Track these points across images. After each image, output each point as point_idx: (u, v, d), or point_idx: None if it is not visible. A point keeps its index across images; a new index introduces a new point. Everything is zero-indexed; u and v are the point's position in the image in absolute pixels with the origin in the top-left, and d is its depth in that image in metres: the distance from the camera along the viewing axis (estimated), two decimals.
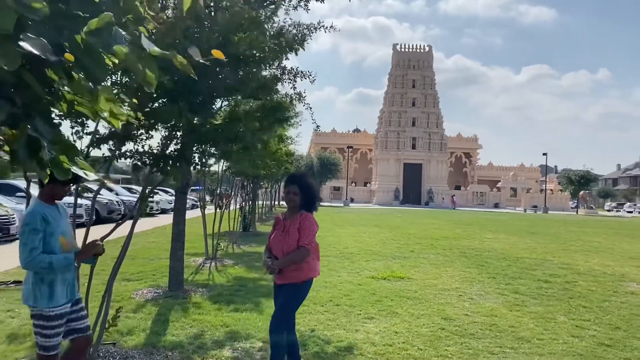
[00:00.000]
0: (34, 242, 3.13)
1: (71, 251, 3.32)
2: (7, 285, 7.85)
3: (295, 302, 4.24)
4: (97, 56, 1.37)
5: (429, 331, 6.05)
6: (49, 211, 3.26)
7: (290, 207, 4.24)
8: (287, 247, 4.10)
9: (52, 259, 3.14)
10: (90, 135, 4.42)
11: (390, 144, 69.71)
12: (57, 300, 3.26)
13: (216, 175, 13.22)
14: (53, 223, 3.23)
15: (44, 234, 3.18)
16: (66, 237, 3.31)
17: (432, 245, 15.68)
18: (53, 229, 3.22)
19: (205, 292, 7.86)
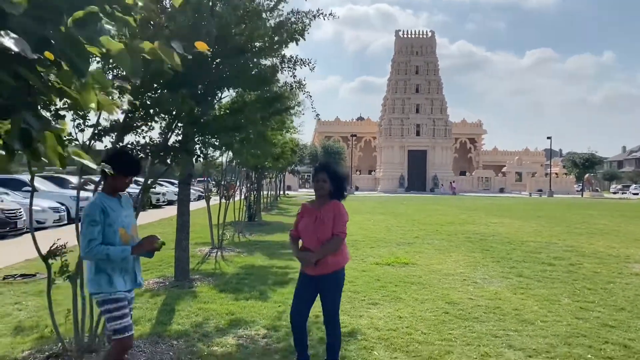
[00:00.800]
0: (93, 234, 3.25)
1: (130, 242, 3.41)
2: (14, 279, 7.93)
3: (340, 291, 4.26)
4: (81, 48, 1.37)
5: (432, 315, 6.08)
6: (110, 203, 3.38)
7: (319, 195, 4.20)
8: (323, 235, 4.07)
9: (109, 251, 3.26)
10: (92, 128, 4.43)
11: (394, 131, 69.45)
12: (117, 286, 3.37)
13: (221, 167, 13.22)
14: (112, 215, 3.34)
15: (103, 225, 3.29)
16: (126, 229, 3.41)
17: (437, 231, 15.69)
18: (112, 221, 3.33)
19: (211, 281, 7.92)
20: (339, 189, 4.24)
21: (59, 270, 4.38)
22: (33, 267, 8.59)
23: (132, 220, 3.53)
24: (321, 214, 4.13)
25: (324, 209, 4.14)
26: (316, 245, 4.11)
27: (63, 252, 4.36)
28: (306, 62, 8.23)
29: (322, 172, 4.18)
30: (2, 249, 11.32)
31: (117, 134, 4.61)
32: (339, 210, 4.14)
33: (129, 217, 3.50)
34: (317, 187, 4.19)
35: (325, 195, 4.19)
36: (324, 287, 4.18)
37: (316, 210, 4.18)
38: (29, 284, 7.61)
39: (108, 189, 3.47)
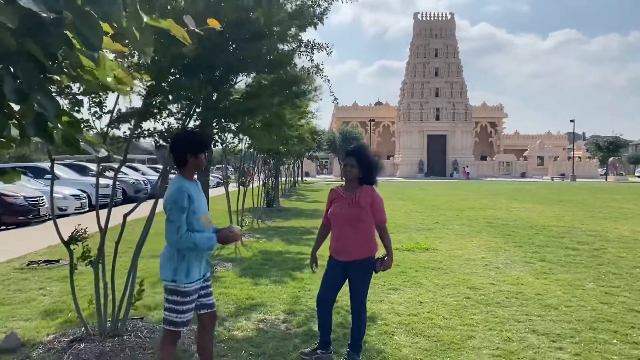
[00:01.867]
0: (180, 221, 3.16)
1: (210, 229, 3.34)
2: (38, 265, 8.06)
3: (370, 278, 4.26)
4: (94, 23, 1.34)
5: (454, 300, 6.02)
6: (193, 189, 3.28)
7: (348, 180, 4.17)
8: (361, 219, 4.06)
9: (196, 239, 3.18)
10: (109, 115, 4.42)
11: (414, 115, 68.84)
12: (193, 276, 3.30)
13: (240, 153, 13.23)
14: (196, 201, 3.25)
15: (189, 212, 3.19)
16: (206, 215, 3.35)
17: (457, 216, 15.55)
18: (196, 208, 3.24)
19: (231, 266, 7.95)
20: (369, 174, 4.17)
21: (80, 256, 4.43)
22: (56, 254, 8.72)
23: (206, 206, 3.43)
24: (357, 198, 4.08)
25: (360, 193, 4.10)
26: (353, 229, 4.06)
27: (84, 237, 4.40)
28: (323, 46, 8.15)
29: (350, 157, 4.14)
30: (26, 236, 11.52)
31: (135, 120, 4.60)
32: (376, 196, 4.14)
33: (204, 203, 3.41)
34: (345, 172, 4.16)
35: (354, 181, 4.14)
36: (355, 273, 4.16)
37: (349, 194, 4.14)
38: (52, 269, 7.73)
39: (189, 173, 3.35)
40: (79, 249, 4.43)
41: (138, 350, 4.27)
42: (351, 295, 4.22)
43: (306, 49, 7.91)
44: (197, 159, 3.32)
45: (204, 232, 3.27)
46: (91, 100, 4.37)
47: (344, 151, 4.32)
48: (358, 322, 4.21)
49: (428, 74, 68.98)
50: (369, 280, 4.25)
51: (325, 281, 4.26)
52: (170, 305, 3.31)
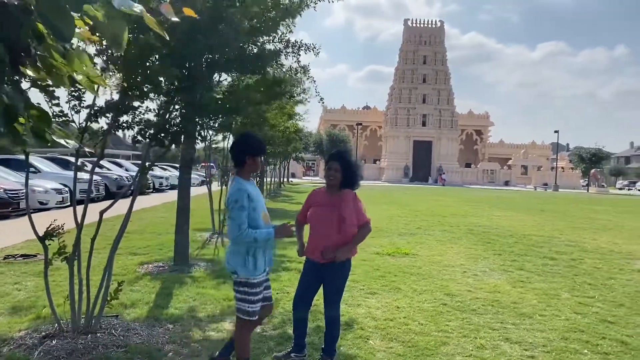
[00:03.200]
0: (241, 218, 3.47)
1: (270, 225, 3.64)
2: (14, 259, 7.95)
3: (345, 281, 4.25)
4: (65, 14, 1.33)
5: (430, 307, 6.06)
6: (251, 188, 3.61)
7: (330, 184, 4.15)
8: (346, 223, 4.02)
9: (256, 234, 3.50)
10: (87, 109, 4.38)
11: (400, 120, 69.14)
12: (260, 269, 3.62)
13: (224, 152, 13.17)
14: (255, 199, 3.57)
15: (249, 210, 3.50)
16: (265, 213, 3.66)
17: (440, 222, 15.65)
18: (256, 205, 3.56)
19: (210, 266, 7.92)
20: (350, 179, 4.17)
21: (56, 252, 4.37)
22: (34, 248, 8.61)
23: (264, 203, 3.72)
24: (339, 203, 4.07)
25: (343, 198, 4.10)
26: (336, 233, 4.02)
27: (60, 233, 4.35)
28: (310, 47, 8.16)
29: (334, 161, 4.14)
30: (4, 229, 11.36)
31: (113, 114, 4.55)
32: (357, 200, 4.17)
33: (263, 202, 3.70)
34: (328, 176, 4.15)
35: (336, 185, 4.14)
36: (330, 276, 4.14)
37: (331, 198, 4.13)
38: (29, 264, 7.63)
39: (246, 173, 3.67)
40: (55, 245, 4.39)
41: (111, 348, 4.23)
42: (325, 298, 4.21)
43: (293, 49, 7.92)
44: (254, 161, 3.65)
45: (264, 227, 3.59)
46: (70, 94, 4.31)
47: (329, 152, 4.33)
48: (332, 325, 4.21)
49: (416, 80, 69.36)
50: (344, 283, 4.25)
51: (302, 283, 4.26)
52: (242, 296, 3.64)
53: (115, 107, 4.46)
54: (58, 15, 1.36)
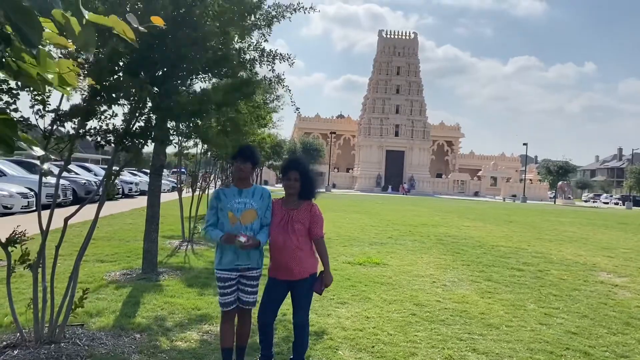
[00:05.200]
0: (207, 216, 4.05)
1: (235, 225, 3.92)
2: None
3: (312, 294, 4.19)
4: (33, 19, 1.31)
5: (400, 317, 6.10)
6: (227, 191, 4.03)
7: (289, 194, 4.06)
8: (298, 235, 3.96)
9: (208, 234, 3.98)
10: (52, 114, 4.29)
11: (374, 130, 69.75)
12: (224, 265, 3.97)
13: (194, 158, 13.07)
14: (224, 201, 3.96)
15: (217, 209, 3.99)
16: (234, 213, 3.93)
17: (410, 232, 15.78)
18: (223, 206, 3.96)
19: (179, 274, 7.82)
20: (309, 188, 4.07)
21: (19, 259, 4.26)
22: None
23: (244, 207, 3.96)
24: (294, 215, 4.01)
25: (299, 209, 4.03)
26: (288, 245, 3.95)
27: (23, 239, 4.24)
28: (285, 57, 8.18)
29: (293, 170, 4.03)
30: None
31: (79, 119, 4.46)
32: (315, 212, 4.05)
33: (242, 204, 3.95)
34: (287, 186, 4.04)
35: (295, 194, 4.05)
36: (299, 291, 4.09)
37: (286, 210, 4.05)
38: None
39: (233, 178, 4.20)
40: (18, 251, 4.27)
41: (75, 359, 4.13)
42: (294, 310, 4.18)
43: (267, 58, 7.92)
44: (236, 167, 4.06)
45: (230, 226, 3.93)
46: (33, 98, 4.20)
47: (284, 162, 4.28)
48: (301, 336, 4.19)
49: (389, 91, 70.13)
50: (312, 295, 4.22)
51: (266, 296, 4.14)
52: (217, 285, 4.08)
53: (81, 111, 4.38)
54: (25, 20, 1.34)
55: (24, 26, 1.34)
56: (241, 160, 4.00)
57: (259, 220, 4.01)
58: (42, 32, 1.44)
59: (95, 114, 4.33)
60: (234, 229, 3.90)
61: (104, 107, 4.40)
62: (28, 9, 1.34)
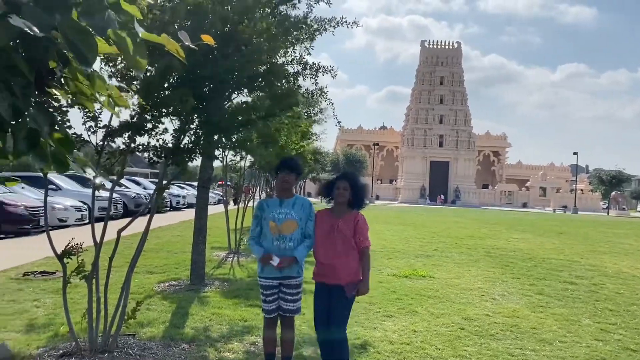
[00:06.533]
0: (252, 226, 4.23)
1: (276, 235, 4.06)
2: (34, 276, 8.04)
3: (352, 302, 4.25)
4: (89, 38, 1.37)
5: (448, 331, 5.97)
6: (270, 201, 4.24)
7: (339, 203, 4.21)
8: (343, 245, 4.08)
9: (251, 247, 4.23)
10: (103, 129, 4.45)
11: (417, 141, 69.10)
12: (265, 273, 4.12)
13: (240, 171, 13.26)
14: (267, 211, 4.13)
15: (260, 219, 4.17)
16: (276, 223, 4.07)
17: (457, 244, 15.49)
18: (266, 216, 4.12)
19: (226, 286, 7.92)
20: (358, 199, 4.24)
21: (74, 270, 4.41)
22: (53, 265, 8.70)
23: (284, 217, 4.09)
24: (340, 224, 4.12)
25: (344, 218, 4.15)
26: (333, 254, 4.08)
27: (78, 251, 4.39)
28: (328, 69, 8.23)
29: (343, 180, 4.21)
30: (24, 245, 11.52)
31: (129, 135, 4.61)
32: (360, 222, 4.17)
33: (283, 214, 4.09)
34: (337, 195, 4.19)
35: (344, 204, 4.20)
36: (337, 297, 4.14)
37: (334, 219, 4.18)
38: (48, 281, 7.70)
39: (276, 189, 4.38)
40: (73, 263, 4.43)
41: None
42: (332, 319, 4.19)
43: (311, 71, 8.00)
44: (279, 178, 4.19)
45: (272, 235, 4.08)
46: (85, 115, 4.38)
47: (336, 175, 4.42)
48: (340, 348, 4.18)
49: (433, 101, 69.43)
50: (351, 305, 4.24)
51: (317, 307, 4.24)
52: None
53: (130, 127, 4.52)
54: (82, 39, 1.40)
55: (81, 45, 1.40)
56: (285, 171, 4.13)
57: (300, 231, 4.12)
58: (97, 51, 1.50)
59: (145, 130, 4.47)
60: (276, 239, 4.07)
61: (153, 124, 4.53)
62: (85, 28, 1.39)
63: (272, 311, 4.18)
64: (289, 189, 4.21)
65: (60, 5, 1.31)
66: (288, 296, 4.15)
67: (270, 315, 4.19)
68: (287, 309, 4.18)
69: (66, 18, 1.33)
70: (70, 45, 1.40)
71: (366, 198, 4.39)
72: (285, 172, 4.13)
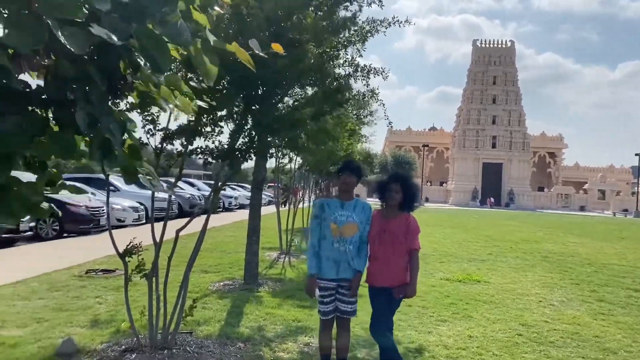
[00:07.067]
0: (312, 226, 4.20)
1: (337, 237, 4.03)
2: (96, 273, 8.37)
3: (397, 306, 4.26)
4: (163, 46, 1.41)
5: (505, 337, 5.81)
6: (332, 202, 4.20)
7: (390, 205, 4.20)
8: (394, 247, 4.08)
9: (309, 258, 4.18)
10: (161, 132, 4.58)
11: (469, 142, 67.72)
12: (324, 274, 4.09)
13: (290, 173, 13.38)
14: (328, 212, 4.09)
15: (320, 219, 4.11)
16: (337, 225, 4.04)
17: (511, 249, 15.07)
18: (326, 217, 4.08)
19: (279, 286, 8.00)
20: (409, 201, 4.21)
21: (135, 268, 4.56)
22: (113, 263, 9.03)
23: (346, 220, 4.07)
24: (390, 226, 4.11)
25: (396, 220, 4.13)
26: (383, 256, 4.08)
27: (139, 251, 4.54)
28: (379, 70, 8.18)
29: (395, 182, 4.18)
30: (86, 244, 12.02)
31: (186, 137, 4.73)
32: (411, 224, 4.14)
33: (344, 217, 4.06)
34: (389, 197, 4.17)
35: (395, 206, 4.17)
36: (386, 298, 4.14)
37: (384, 221, 4.16)
38: (109, 279, 8.00)
39: (339, 190, 4.33)
40: (134, 261, 4.58)
41: None
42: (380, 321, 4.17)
43: (362, 73, 7.97)
44: (340, 179, 4.22)
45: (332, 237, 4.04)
46: (144, 118, 4.53)
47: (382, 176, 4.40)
48: (386, 350, 4.15)
49: (485, 101, 67.88)
50: (394, 310, 4.24)
51: (374, 309, 4.24)
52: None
53: (187, 131, 4.64)
54: (156, 47, 1.44)
55: (155, 53, 1.45)
56: (347, 173, 4.14)
57: (359, 234, 4.10)
58: (170, 59, 1.54)
59: (202, 132, 4.58)
60: (336, 241, 4.05)
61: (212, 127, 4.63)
62: (160, 37, 1.44)
63: (329, 312, 4.17)
64: (350, 191, 4.22)
65: (136, 15, 1.36)
66: (346, 297, 4.14)
67: (327, 316, 4.19)
68: (344, 311, 4.17)
69: (142, 27, 1.38)
70: (145, 53, 1.45)
71: (417, 200, 4.36)
72: (347, 174, 4.15)
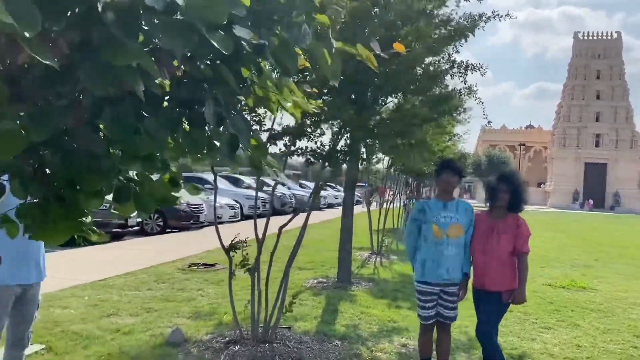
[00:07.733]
0: (409, 228, 4.15)
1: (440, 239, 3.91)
2: (197, 267, 8.81)
3: (503, 312, 4.12)
4: (291, 50, 1.44)
5: (618, 348, 5.42)
6: (431, 204, 4.10)
7: (498, 206, 4.06)
8: (503, 248, 3.94)
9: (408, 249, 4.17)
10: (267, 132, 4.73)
11: (569, 141, 63.78)
12: (427, 278, 3.98)
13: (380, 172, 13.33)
14: (429, 214, 3.97)
15: (420, 222, 4.01)
16: (439, 227, 3.91)
17: (620, 254, 14.02)
18: (427, 219, 3.97)
19: (372, 286, 7.99)
20: (517, 202, 4.03)
21: (239, 263, 4.73)
22: (213, 258, 9.46)
23: (450, 221, 3.93)
24: (500, 226, 3.95)
25: (504, 222, 3.97)
26: (491, 256, 3.92)
27: (243, 246, 4.71)
28: (477, 67, 7.92)
29: (504, 183, 4.01)
30: (187, 240, 12.67)
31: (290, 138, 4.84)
32: (522, 226, 3.98)
33: (448, 218, 3.93)
34: (497, 198, 4.01)
35: (503, 207, 4.01)
36: (488, 304, 3.99)
37: (492, 222, 4.01)
38: (209, 272, 8.39)
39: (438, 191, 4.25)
40: (237, 256, 4.75)
41: (287, 359, 4.45)
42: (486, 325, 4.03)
43: (459, 69, 7.75)
44: (440, 180, 4.07)
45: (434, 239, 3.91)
46: (251, 119, 4.70)
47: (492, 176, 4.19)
48: (492, 355, 3.99)
49: (588, 97, 63.61)
50: (502, 314, 4.07)
51: (479, 317, 4.11)
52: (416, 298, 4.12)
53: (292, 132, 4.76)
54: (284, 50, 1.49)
55: (283, 56, 1.49)
56: (448, 172, 4.01)
57: (464, 237, 3.98)
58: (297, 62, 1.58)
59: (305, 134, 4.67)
60: (439, 243, 3.92)
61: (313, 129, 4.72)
62: (287, 40, 1.48)
63: (430, 317, 4.06)
64: (452, 191, 4.11)
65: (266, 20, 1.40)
66: (449, 303, 4.04)
67: (428, 321, 4.08)
68: (447, 316, 4.07)
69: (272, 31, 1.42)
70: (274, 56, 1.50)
71: (526, 200, 4.15)
72: (449, 173, 4.01)
